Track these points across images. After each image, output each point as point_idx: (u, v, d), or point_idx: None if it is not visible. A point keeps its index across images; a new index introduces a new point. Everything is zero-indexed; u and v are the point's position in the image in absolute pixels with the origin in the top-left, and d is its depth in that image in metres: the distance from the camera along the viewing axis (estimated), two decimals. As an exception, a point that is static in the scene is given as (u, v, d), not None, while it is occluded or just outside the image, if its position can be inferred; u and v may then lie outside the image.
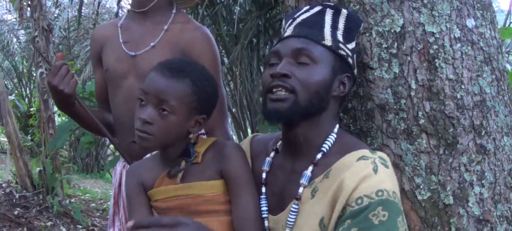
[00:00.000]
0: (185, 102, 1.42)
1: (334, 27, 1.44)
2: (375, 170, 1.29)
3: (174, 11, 2.08)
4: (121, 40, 2.07)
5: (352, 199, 1.26)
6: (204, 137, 1.74)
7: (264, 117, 1.44)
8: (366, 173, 1.28)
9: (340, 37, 1.43)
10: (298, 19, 1.47)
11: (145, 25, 2.06)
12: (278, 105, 1.37)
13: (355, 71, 1.47)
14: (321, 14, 1.46)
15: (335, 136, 1.41)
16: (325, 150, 1.40)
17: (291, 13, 1.53)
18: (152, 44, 2.01)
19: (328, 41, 1.41)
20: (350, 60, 1.43)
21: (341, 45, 1.42)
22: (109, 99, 2.15)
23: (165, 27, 2.03)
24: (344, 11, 1.46)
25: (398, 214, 1.26)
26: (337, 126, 1.44)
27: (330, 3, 1.50)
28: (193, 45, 1.97)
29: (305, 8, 1.50)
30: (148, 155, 1.94)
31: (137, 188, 1.51)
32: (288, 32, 1.46)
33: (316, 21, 1.44)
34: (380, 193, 1.25)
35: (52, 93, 1.93)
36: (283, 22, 1.54)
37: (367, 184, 1.26)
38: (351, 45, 1.45)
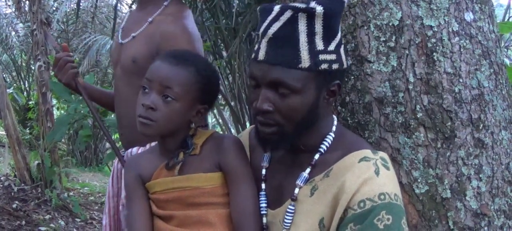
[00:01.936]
0: (189, 90, 1.43)
1: (311, 34, 1.28)
2: (377, 173, 1.28)
3: (166, 3, 2.03)
4: (121, 26, 2.10)
5: (354, 202, 1.26)
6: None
7: (259, 144, 1.42)
8: (367, 175, 1.28)
9: (319, 43, 1.28)
10: (269, 34, 1.29)
11: (139, 15, 2.07)
12: (267, 138, 1.35)
13: (346, 63, 1.36)
14: (293, 24, 1.28)
15: (333, 135, 1.40)
16: (322, 151, 1.39)
17: (260, 22, 1.34)
18: (133, 35, 2.01)
19: (305, 62, 1.27)
20: (334, 66, 1.31)
21: (321, 56, 1.28)
22: None
23: (150, 19, 2.00)
24: (319, 10, 1.26)
25: (401, 217, 1.27)
26: (335, 121, 1.42)
27: (301, 4, 1.28)
28: (168, 39, 1.90)
29: (274, 13, 1.30)
30: (133, 148, 1.96)
31: (135, 180, 1.52)
32: (261, 53, 1.31)
33: (289, 36, 1.28)
34: (382, 197, 1.25)
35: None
36: (257, 26, 1.36)
37: (369, 187, 1.26)
38: (335, 42, 1.31)
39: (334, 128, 1.41)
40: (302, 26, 1.28)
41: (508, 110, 1.55)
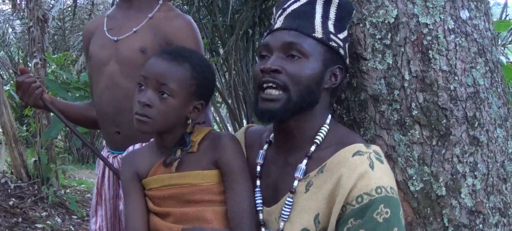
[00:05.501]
0: (184, 86, 1.43)
1: (325, 17, 1.42)
2: (372, 166, 1.30)
3: (160, 1, 2.10)
4: (105, 28, 2.11)
5: (352, 197, 1.28)
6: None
7: (256, 116, 1.44)
8: (363, 170, 1.29)
9: (331, 27, 1.41)
10: (288, 10, 1.44)
11: (130, 13, 2.10)
12: (270, 105, 1.37)
13: (348, 61, 1.47)
14: (311, 4, 1.43)
15: (327, 127, 1.42)
16: (318, 142, 1.40)
17: (282, 2, 1.49)
18: (134, 29, 2.04)
19: (318, 33, 1.39)
20: (341, 51, 1.42)
21: (332, 36, 1.40)
22: (92, 90, 2.19)
23: (150, 15, 2.05)
24: (335, 0, 1.44)
25: (399, 209, 1.29)
26: (330, 116, 1.44)
27: None
28: (177, 33, 1.99)
29: None
30: (130, 147, 1.96)
31: (132, 177, 1.52)
32: (278, 23, 1.44)
33: (307, 12, 1.42)
34: (379, 190, 1.27)
35: None
36: (274, 11, 1.52)
37: (365, 181, 1.28)
38: (343, 35, 1.43)
39: (328, 121, 1.43)
40: (319, 8, 1.43)
41: (503, 108, 1.56)
